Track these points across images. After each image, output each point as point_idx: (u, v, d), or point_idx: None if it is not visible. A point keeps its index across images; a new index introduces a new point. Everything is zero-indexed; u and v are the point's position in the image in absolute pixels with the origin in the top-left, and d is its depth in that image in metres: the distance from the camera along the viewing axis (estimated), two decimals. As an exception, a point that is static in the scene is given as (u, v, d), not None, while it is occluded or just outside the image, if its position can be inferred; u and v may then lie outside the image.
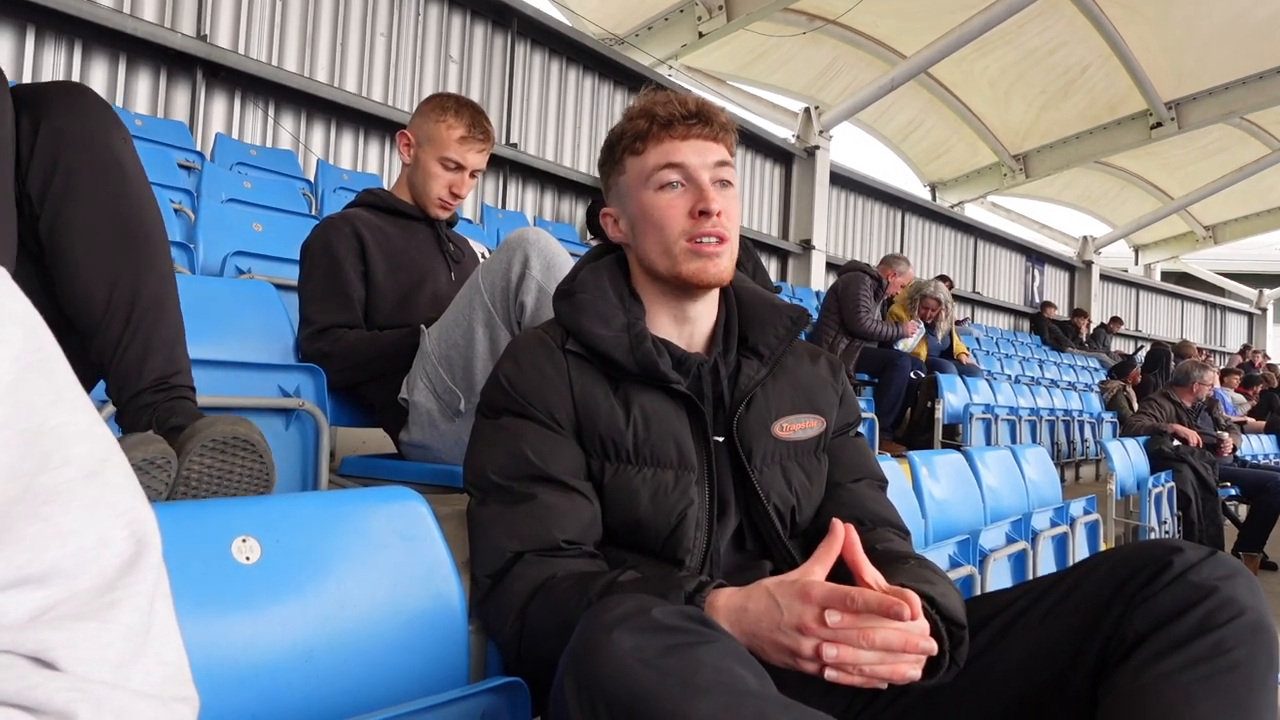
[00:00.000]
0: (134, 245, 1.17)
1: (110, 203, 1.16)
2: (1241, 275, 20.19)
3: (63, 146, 1.13)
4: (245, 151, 4.75)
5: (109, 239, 1.15)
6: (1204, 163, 13.06)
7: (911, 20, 9.19)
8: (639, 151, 1.11)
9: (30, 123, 1.13)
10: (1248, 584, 0.86)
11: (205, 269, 2.68)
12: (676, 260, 1.09)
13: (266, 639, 0.84)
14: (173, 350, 1.20)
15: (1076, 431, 6.00)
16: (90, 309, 1.14)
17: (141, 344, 1.16)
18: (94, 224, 1.15)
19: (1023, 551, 2.22)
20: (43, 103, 1.15)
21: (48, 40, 4.46)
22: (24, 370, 0.48)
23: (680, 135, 1.10)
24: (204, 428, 1.15)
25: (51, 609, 0.44)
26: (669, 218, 1.09)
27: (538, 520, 1.00)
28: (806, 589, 0.84)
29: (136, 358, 1.15)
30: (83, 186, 1.14)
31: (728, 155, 1.13)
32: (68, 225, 1.13)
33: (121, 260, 1.16)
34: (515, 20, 6.64)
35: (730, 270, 1.12)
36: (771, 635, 0.84)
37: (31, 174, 1.12)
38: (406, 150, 1.96)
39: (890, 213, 11.38)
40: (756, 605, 0.86)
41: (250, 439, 1.19)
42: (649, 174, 1.11)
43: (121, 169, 1.18)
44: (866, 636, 0.81)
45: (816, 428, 1.16)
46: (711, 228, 1.08)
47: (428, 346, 1.69)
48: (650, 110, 1.11)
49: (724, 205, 1.10)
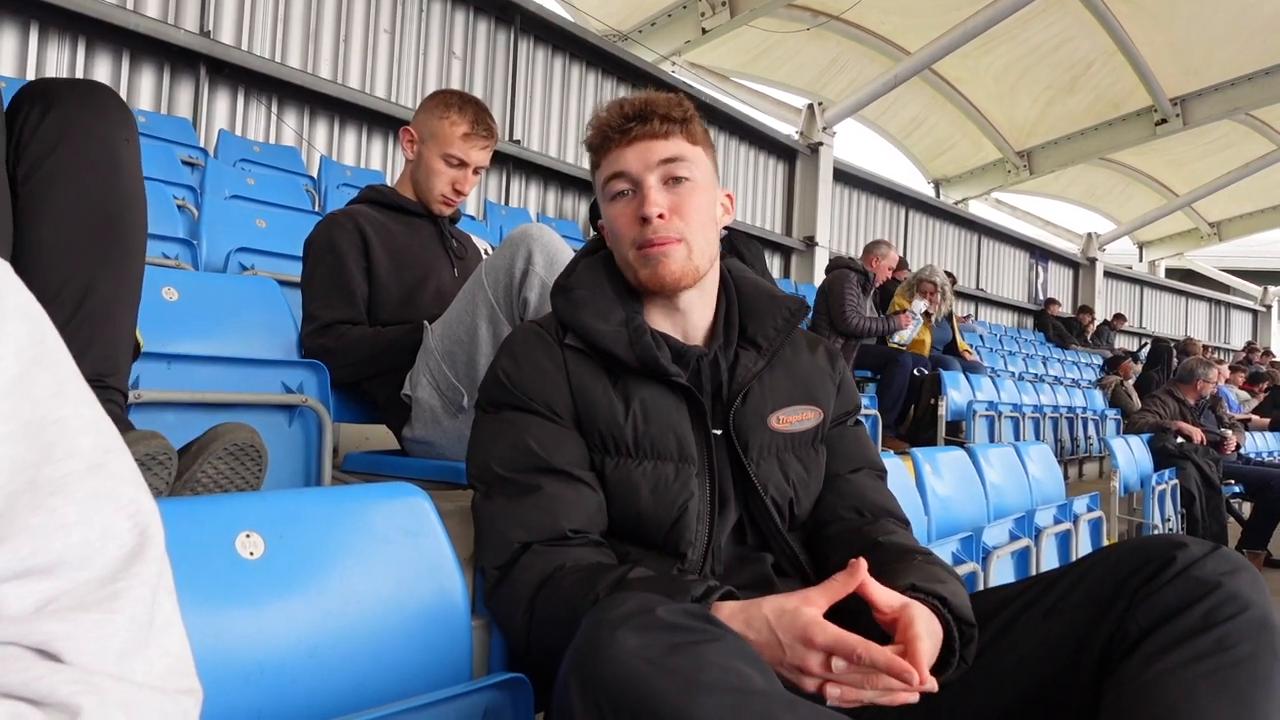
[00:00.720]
0: (102, 244, 1.15)
1: (91, 196, 1.15)
2: (1246, 272, 20.13)
3: (63, 135, 1.13)
4: (249, 148, 4.75)
5: (78, 229, 1.13)
6: (1209, 159, 13.01)
7: (915, 16, 9.17)
8: (597, 165, 1.13)
9: (41, 110, 1.13)
10: (1252, 579, 0.86)
11: (209, 265, 2.69)
12: (634, 268, 1.10)
13: (270, 634, 0.84)
14: (113, 354, 1.16)
15: (1080, 428, 5.99)
16: (41, 290, 1.09)
17: (84, 339, 1.12)
18: (68, 212, 1.13)
19: (1026, 549, 2.21)
20: (59, 94, 1.15)
21: (51, 36, 4.47)
22: (28, 363, 0.48)
23: (624, 142, 1.09)
24: (224, 433, 1.16)
25: (55, 600, 0.44)
26: (620, 227, 1.10)
27: (544, 511, 1.00)
28: (809, 634, 0.81)
29: (75, 351, 1.13)
30: (69, 175, 1.13)
31: (681, 149, 1.09)
32: (41, 208, 1.12)
33: (83, 256, 1.13)
34: (518, 16, 6.63)
35: (691, 270, 1.09)
36: (774, 667, 0.82)
37: (25, 155, 1.12)
38: (410, 146, 1.96)
39: (894, 209, 11.36)
40: (758, 637, 0.84)
41: (261, 449, 1.20)
42: (603, 186, 1.12)
43: (115, 167, 1.17)
44: (871, 683, 0.80)
45: (814, 419, 1.16)
46: (654, 233, 1.07)
47: (431, 342, 1.69)
48: (597, 123, 1.12)
49: (673, 203, 1.08)
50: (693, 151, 1.11)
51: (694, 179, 1.10)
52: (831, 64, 10.27)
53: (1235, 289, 19.61)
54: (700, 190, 1.11)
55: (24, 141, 1.12)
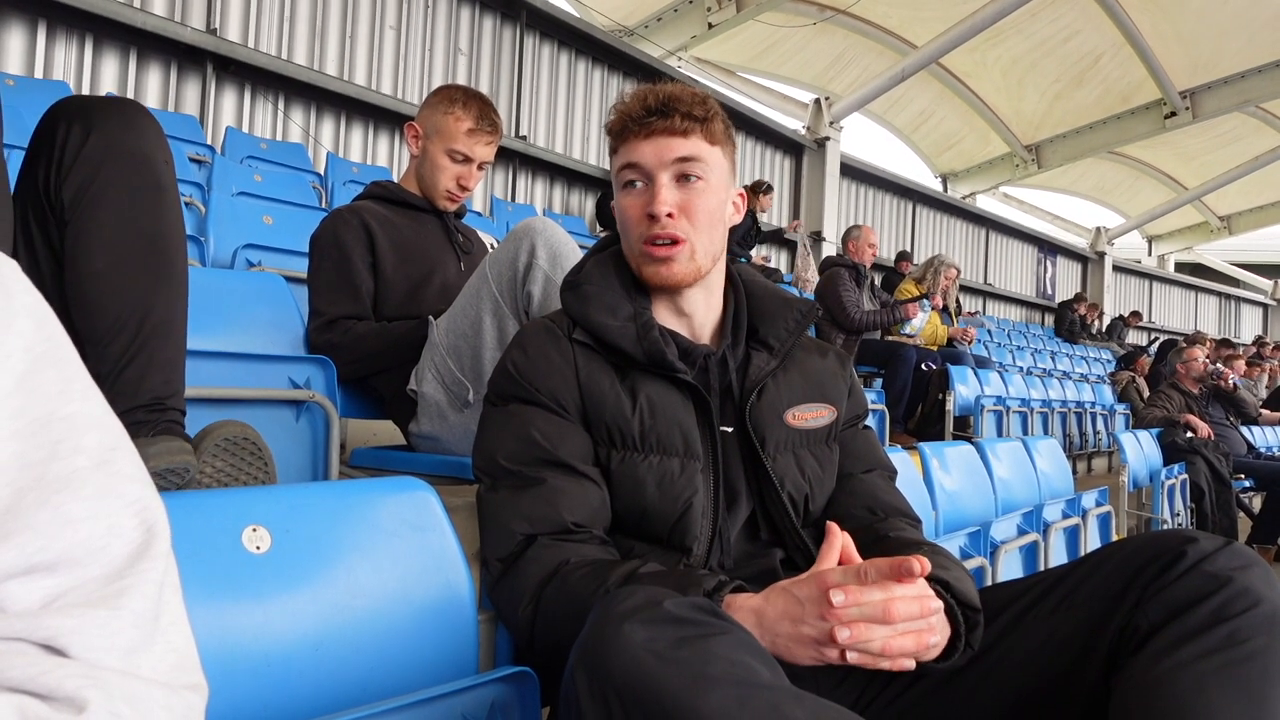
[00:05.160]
0: (154, 264, 1.18)
1: (140, 220, 1.17)
2: (1256, 266, 20.04)
3: (108, 158, 1.14)
4: (255, 145, 4.77)
5: (131, 254, 1.16)
6: (1218, 152, 12.94)
7: (923, 10, 9.13)
8: (614, 151, 1.14)
9: (82, 131, 1.14)
10: (1263, 574, 0.85)
11: (216, 262, 2.70)
12: (638, 262, 1.12)
13: (276, 628, 0.84)
14: (172, 372, 1.20)
15: (1089, 423, 5.97)
16: (100, 320, 1.14)
17: (144, 362, 1.15)
18: (119, 238, 1.15)
19: (1034, 543, 2.21)
20: (98, 114, 1.16)
21: (59, 35, 4.49)
22: (35, 360, 0.48)
23: (642, 133, 1.09)
24: (212, 431, 1.18)
25: (62, 596, 0.44)
26: (629, 219, 1.11)
27: (547, 503, 1.01)
28: (822, 576, 0.85)
29: (136, 375, 1.15)
30: (116, 199, 1.15)
31: (699, 148, 1.09)
32: (92, 235, 1.14)
33: (140, 277, 1.16)
34: (524, 12, 6.63)
35: (692, 271, 1.10)
36: (796, 629, 0.84)
37: (70, 180, 1.13)
38: (415, 142, 1.96)
39: (901, 204, 11.33)
40: (775, 604, 0.86)
41: (256, 441, 1.21)
42: (617, 174, 1.13)
43: (159, 190, 1.19)
44: (887, 610, 0.82)
45: (828, 416, 1.17)
46: (660, 230, 1.08)
47: (436, 338, 1.69)
48: (619, 109, 1.12)
49: (682, 202, 1.08)
50: (710, 152, 1.11)
51: (707, 180, 1.10)
52: (838, 58, 10.24)
53: (1245, 283, 19.51)
54: (711, 191, 1.11)
55: (65, 164, 1.13)
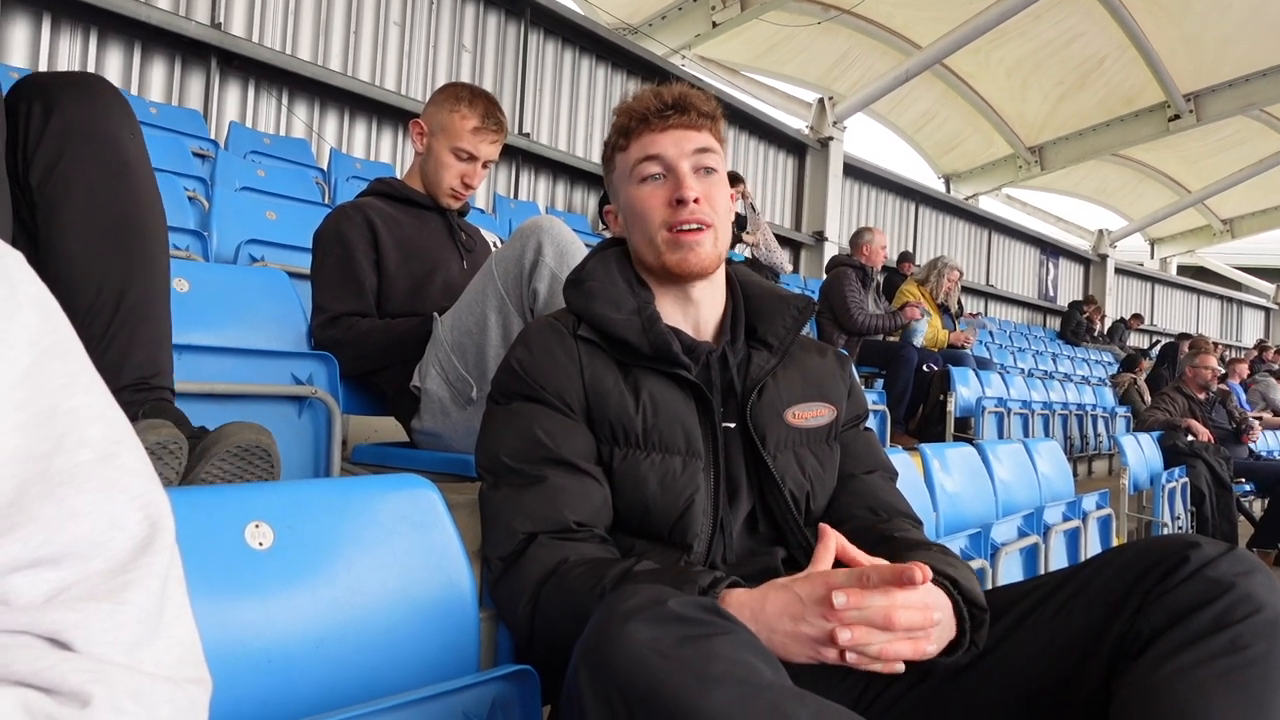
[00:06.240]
0: (128, 244, 1.16)
1: (109, 199, 1.15)
2: (1259, 269, 20.00)
3: (69, 139, 1.13)
4: (259, 140, 4.77)
5: (103, 235, 1.14)
6: (1222, 156, 12.92)
7: (927, 10, 9.12)
8: (624, 148, 1.16)
9: (43, 111, 1.12)
10: (1266, 580, 0.85)
11: (219, 257, 2.70)
12: (660, 251, 1.13)
13: (278, 624, 0.84)
14: (156, 352, 1.19)
15: (1090, 425, 5.96)
16: (76, 302, 1.13)
17: (124, 342, 1.14)
18: (90, 219, 1.14)
19: (1034, 546, 2.21)
20: (56, 92, 1.14)
21: (64, 28, 4.48)
22: (40, 353, 0.48)
23: (659, 127, 1.13)
24: (231, 434, 1.16)
25: (66, 590, 0.44)
26: (650, 209, 1.13)
27: (548, 501, 1.01)
28: (825, 575, 0.85)
29: (117, 356, 1.14)
30: (83, 180, 1.13)
31: (711, 142, 1.15)
32: (63, 217, 1.13)
33: (113, 258, 1.15)
34: (528, 9, 6.63)
35: (715, 257, 1.14)
36: (795, 627, 0.84)
37: (36, 162, 1.12)
38: (419, 139, 1.96)
39: (904, 205, 11.31)
40: (775, 601, 0.86)
41: (270, 450, 1.20)
42: (632, 168, 1.15)
43: (125, 167, 1.17)
44: (889, 618, 0.82)
45: (828, 415, 1.18)
46: (690, 214, 1.11)
47: (440, 334, 1.69)
48: (631, 106, 1.16)
49: (704, 191, 1.12)
50: (718, 147, 1.17)
51: (719, 171, 1.16)
52: (842, 58, 10.23)
53: (1247, 286, 19.48)
54: (724, 183, 1.17)
55: (30, 146, 1.12)
